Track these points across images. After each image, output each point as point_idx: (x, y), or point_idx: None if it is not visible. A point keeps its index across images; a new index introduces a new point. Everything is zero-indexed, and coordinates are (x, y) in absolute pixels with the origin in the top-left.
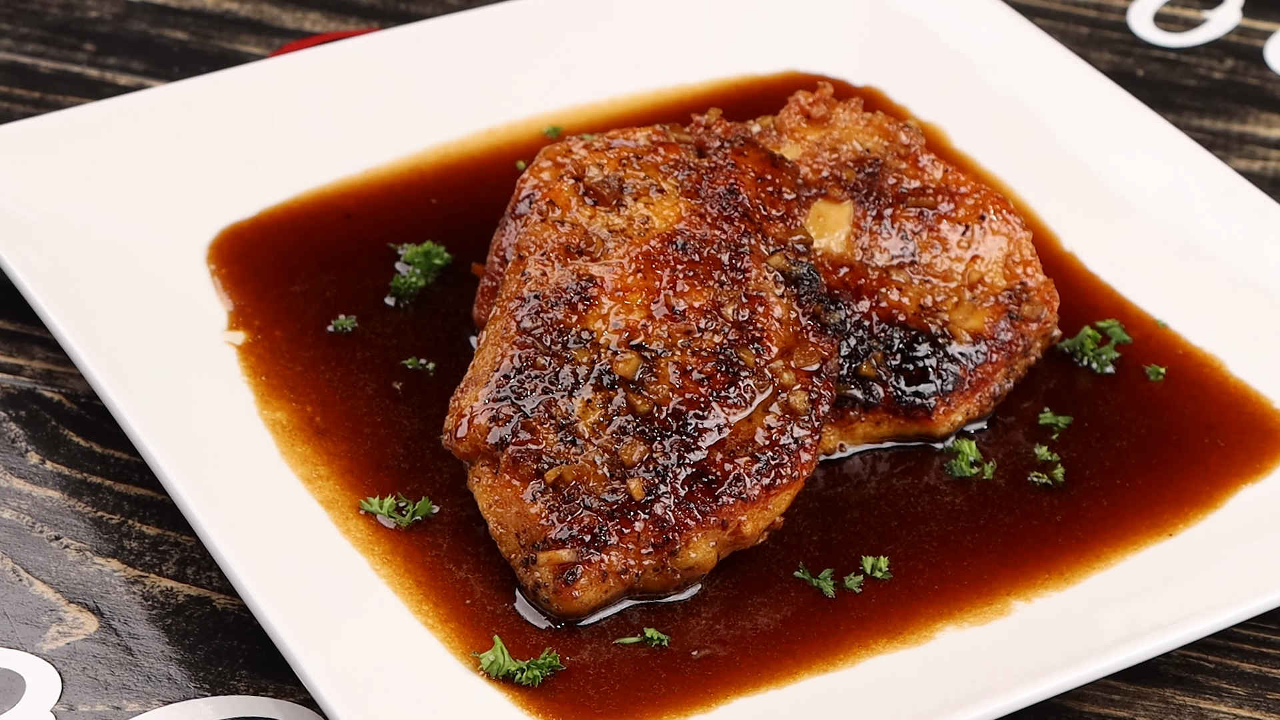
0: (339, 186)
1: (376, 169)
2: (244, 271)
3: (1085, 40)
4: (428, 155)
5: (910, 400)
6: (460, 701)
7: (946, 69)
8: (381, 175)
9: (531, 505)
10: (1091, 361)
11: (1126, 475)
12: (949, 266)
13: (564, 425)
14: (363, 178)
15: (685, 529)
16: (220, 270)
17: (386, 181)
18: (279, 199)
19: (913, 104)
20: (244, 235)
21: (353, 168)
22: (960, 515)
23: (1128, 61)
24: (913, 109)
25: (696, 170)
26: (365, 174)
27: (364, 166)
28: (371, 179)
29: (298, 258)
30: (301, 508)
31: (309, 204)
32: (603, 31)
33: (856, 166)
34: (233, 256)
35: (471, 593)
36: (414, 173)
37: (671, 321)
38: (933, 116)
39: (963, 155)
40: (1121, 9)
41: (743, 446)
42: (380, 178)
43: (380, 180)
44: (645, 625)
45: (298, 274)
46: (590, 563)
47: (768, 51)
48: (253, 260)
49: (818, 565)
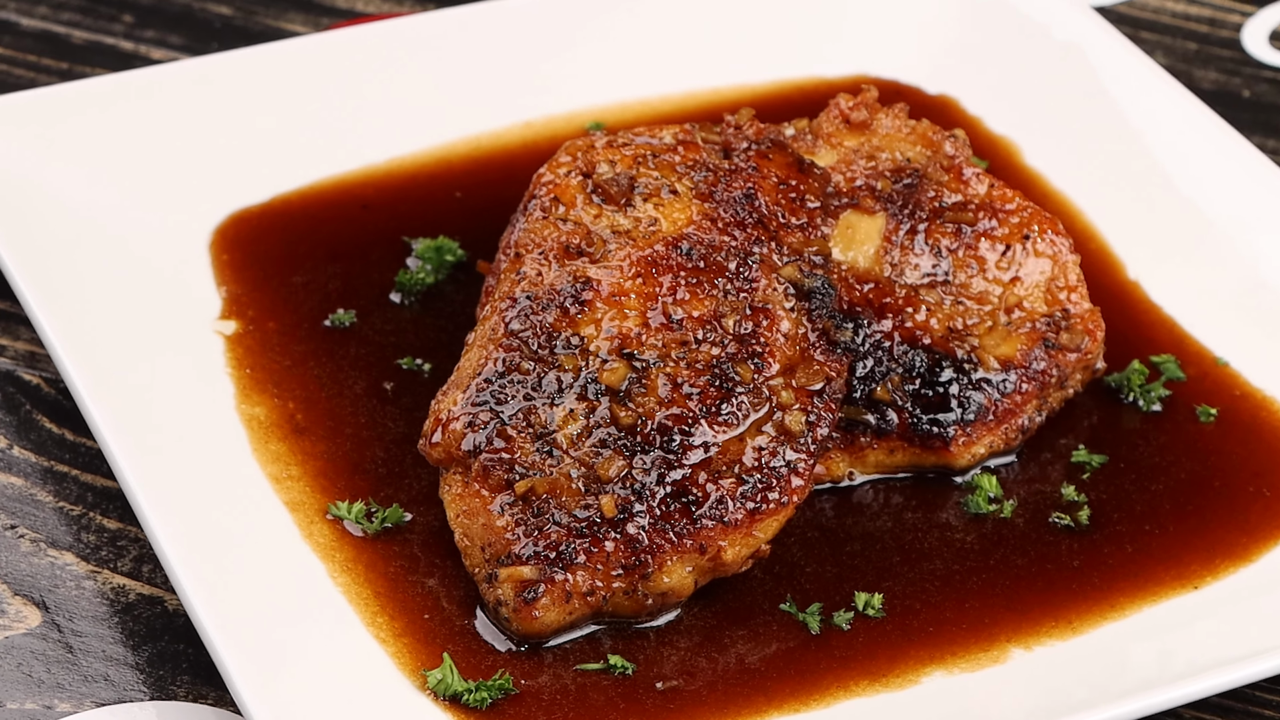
0: (359, 175)
1: (401, 158)
2: (246, 258)
3: (1191, 57)
4: (458, 146)
5: (927, 429)
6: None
7: (1027, 82)
8: (406, 165)
9: (498, 517)
10: (1138, 398)
11: (1157, 521)
12: (985, 288)
13: (542, 435)
14: (386, 167)
15: (659, 551)
16: (221, 256)
17: (410, 172)
18: (294, 185)
19: (987, 116)
20: (252, 221)
21: (377, 156)
22: (969, 554)
23: (1234, 81)
24: (986, 122)
25: (715, 172)
26: (389, 163)
27: (389, 155)
28: (395, 168)
29: (305, 247)
30: (264, 508)
31: (326, 191)
32: (662, 24)
33: (894, 176)
34: (236, 242)
35: (433, 607)
36: (441, 164)
37: (668, 331)
38: (1007, 130)
39: (1033, 172)
40: (1236, 25)
41: (730, 467)
42: (404, 168)
43: (404, 170)
44: (612, 651)
45: (302, 264)
46: (554, 581)
47: (837, 53)
48: (257, 247)
49: (807, 599)
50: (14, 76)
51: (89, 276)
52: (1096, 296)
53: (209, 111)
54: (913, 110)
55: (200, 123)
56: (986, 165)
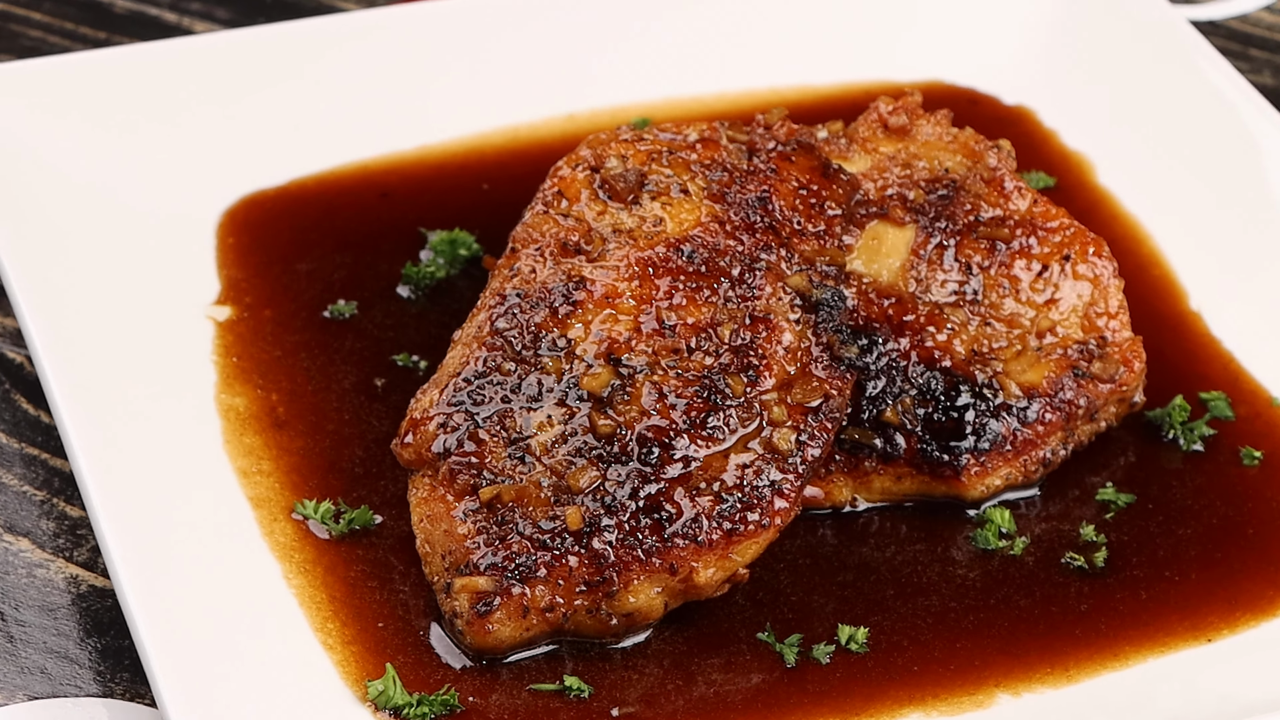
0: (384, 161)
1: (431, 146)
2: (252, 243)
3: None
4: (494, 136)
5: (937, 456)
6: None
7: (1110, 97)
8: (434, 154)
9: (460, 524)
10: (1179, 436)
11: (1179, 568)
12: (1016, 310)
13: (516, 440)
14: (414, 154)
15: (625, 569)
16: (227, 239)
17: (438, 161)
18: (315, 169)
19: (1064, 130)
20: (265, 205)
21: (405, 142)
22: (969, 591)
23: None
24: (1062, 135)
25: (731, 173)
26: (417, 150)
27: (419, 142)
28: (422, 157)
29: (315, 234)
30: (227, 503)
31: (346, 177)
32: (726, 20)
33: (928, 187)
34: (245, 226)
35: (389, 616)
36: (472, 154)
37: (659, 337)
38: (1082, 146)
39: (1104, 191)
40: None
41: (710, 484)
42: (432, 156)
43: (432, 159)
44: (572, 672)
45: (310, 251)
46: (510, 595)
47: (913, 57)
48: (265, 232)
49: (788, 629)
50: (48, 44)
51: (84, 252)
52: (1152, 325)
53: (232, 89)
54: (987, 121)
55: (223, 100)
56: (1054, 182)
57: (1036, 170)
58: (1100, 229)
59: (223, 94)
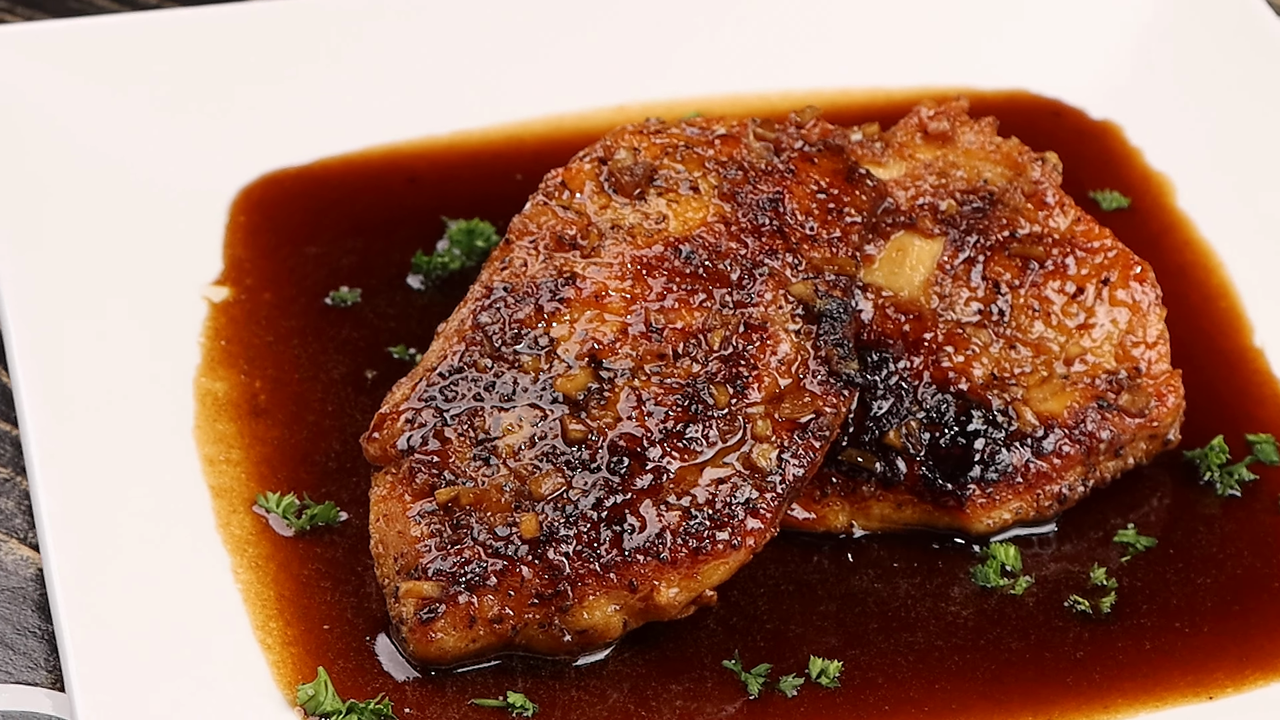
0: (415, 146)
1: (467, 132)
2: (263, 222)
3: None
4: (535, 125)
5: (940, 484)
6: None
7: (1200, 117)
8: (470, 140)
9: (414, 525)
10: (1215, 479)
11: (1190, 619)
12: (1044, 333)
13: (483, 441)
14: (447, 139)
15: (581, 583)
16: (239, 217)
17: (473, 148)
18: (341, 150)
19: (1149, 149)
20: (283, 183)
21: (440, 126)
22: (959, 630)
23: None
24: (1146, 155)
25: (746, 171)
26: (452, 136)
27: (455, 127)
28: (456, 142)
29: (331, 217)
30: (185, 490)
31: (373, 160)
32: (805, 15)
33: (963, 198)
34: (259, 204)
35: (337, 618)
36: (510, 142)
37: (645, 341)
38: (1165, 167)
39: (1181, 215)
40: None
41: (680, 499)
42: (467, 142)
43: (466, 145)
44: (521, 689)
45: (322, 234)
46: (456, 603)
47: (997, 64)
48: (279, 212)
49: (758, 657)
50: (94, 8)
51: (87, 219)
52: (1208, 359)
53: (266, 62)
54: (1068, 134)
55: (255, 73)
56: (1128, 203)
57: (1112, 189)
58: (1171, 254)
59: (255, 67)
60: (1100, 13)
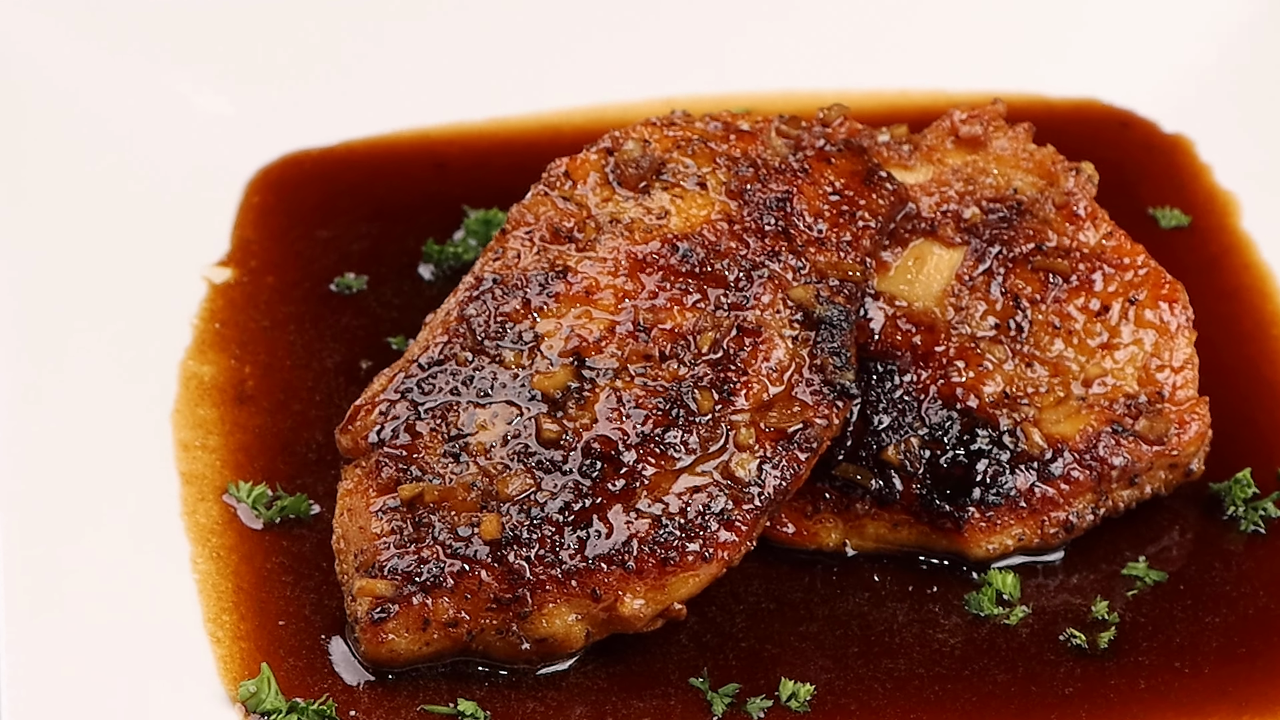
0: (447, 131)
1: (505, 119)
2: (278, 203)
3: None
4: (576, 115)
5: (938, 505)
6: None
7: (1275, 136)
8: (506, 127)
9: (375, 521)
10: (1240, 514)
11: (1192, 659)
12: (1064, 352)
13: (455, 437)
14: (483, 126)
15: (541, 589)
16: (253, 197)
17: (508, 135)
18: (371, 132)
19: (1219, 166)
20: (305, 164)
21: (477, 112)
22: (944, 659)
23: None
24: (1215, 172)
25: (758, 169)
26: (488, 122)
27: (492, 114)
28: (491, 129)
29: (348, 200)
30: (154, 474)
31: (403, 143)
32: (870, 14)
33: (989, 206)
34: (276, 185)
35: (294, 614)
36: (548, 131)
37: (632, 340)
38: (1234, 185)
39: (1244, 235)
40: None
41: (651, 506)
42: (503, 129)
43: (501, 132)
44: (475, 697)
45: (337, 218)
46: (410, 604)
47: (1069, 71)
48: (295, 193)
49: (727, 677)
50: None
51: (95, 195)
52: (1250, 388)
53: (296, 38)
54: (1135, 147)
55: (290, 49)
56: (1189, 221)
57: (1173, 207)
58: (1228, 276)
59: (291, 42)
60: (1180, 23)
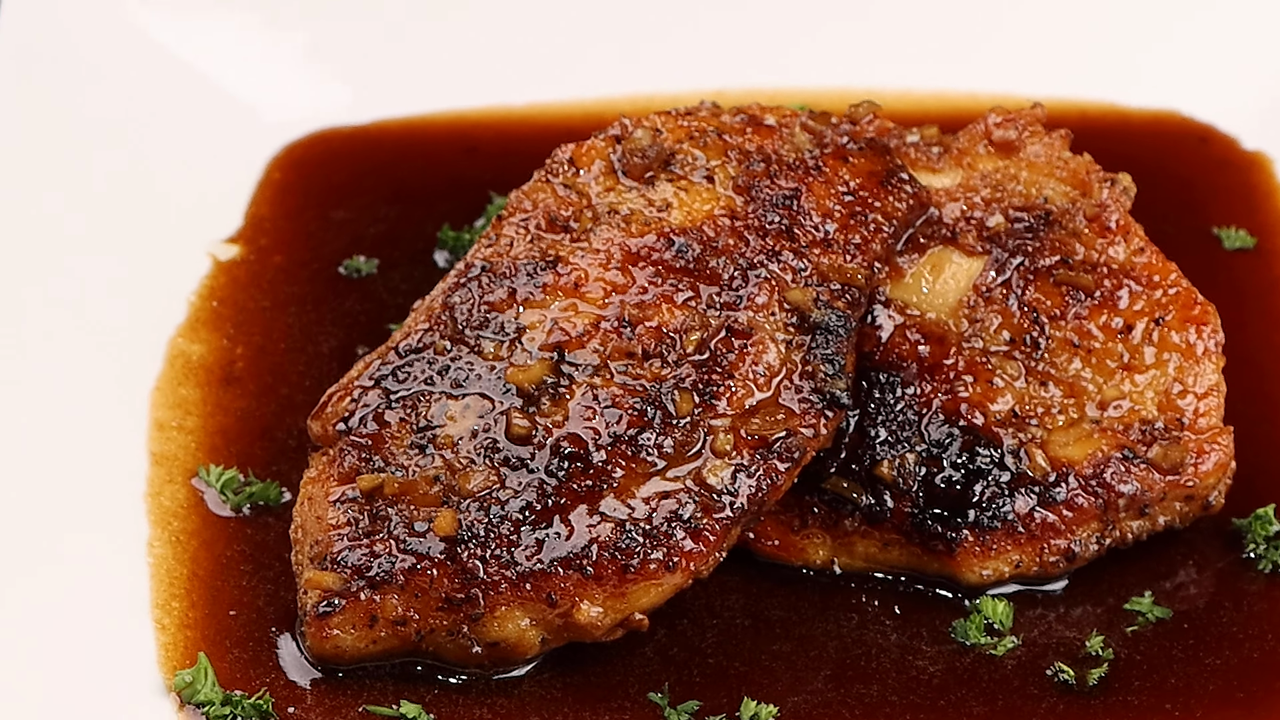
0: (482, 114)
1: (544, 105)
2: (298, 181)
3: None
4: (620, 103)
5: (930, 525)
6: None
7: None
8: (546, 113)
9: (332, 511)
10: (1260, 552)
11: (1185, 702)
12: (1081, 371)
13: (424, 428)
14: (522, 110)
15: (493, 590)
16: (274, 174)
17: (545, 121)
18: (404, 112)
19: None
20: (333, 142)
21: (517, 96)
22: (920, 687)
23: None
24: None
25: (770, 164)
26: (527, 107)
27: (531, 99)
28: (529, 115)
29: (370, 181)
30: (123, 453)
31: (436, 125)
32: (950, 16)
33: (1016, 215)
34: (299, 162)
35: (247, 604)
36: (590, 119)
37: (616, 337)
38: None
39: None
40: None
41: (616, 510)
42: (541, 116)
43: (540, 119)
44: (421, 699)
45: (356, 199)
46: (358, 599)
47: (1150, 81)
48: (318, 171)
49: (689, 693)
50: None
51: (111, 164)
52: None
53: (340, 11)
54: (1211, 163)
55: (326, 23)
56: (1254, 243)
57: (1240, 227)
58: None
59: (331, 17)
60: (1269, 37)
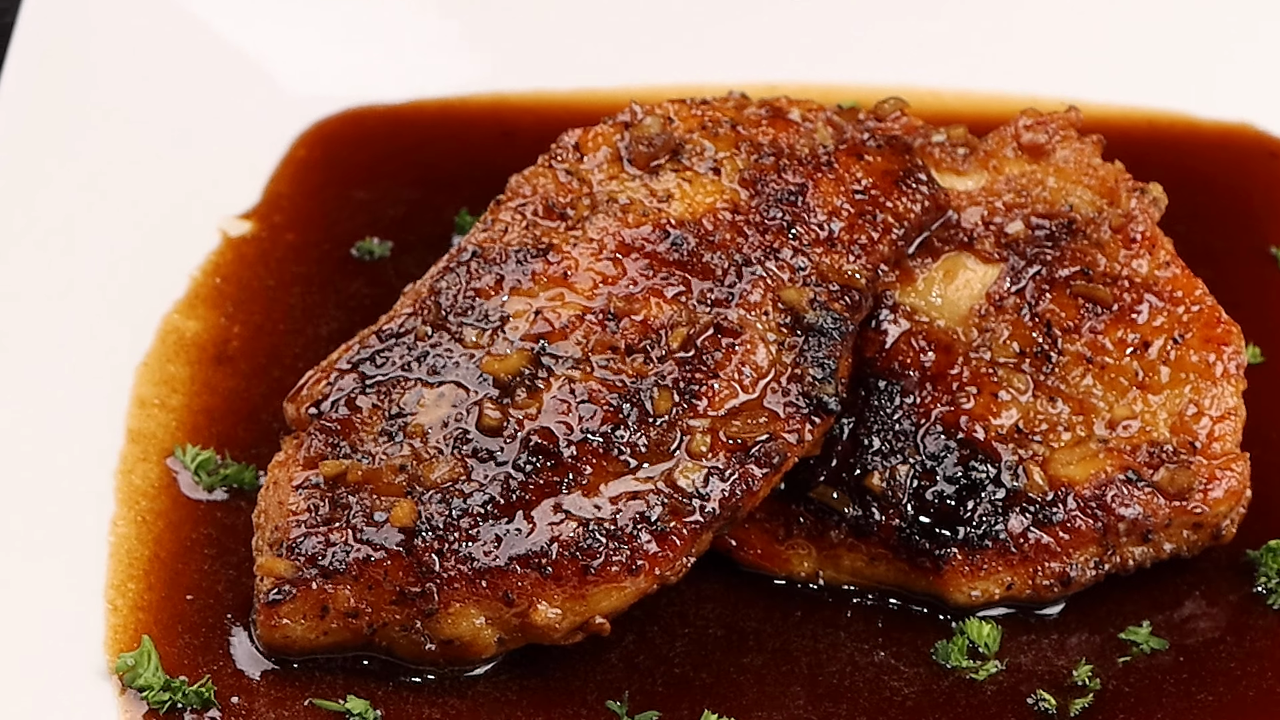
0: (524, 98)
1: (587, 91)
2: (322, 159)
3: None
4: (662, 92)
5: (918, 541)
6: (47, 699)
7: None
8: (590, 99)
9: (293, 497)
10: (1271, 586)
11: None
12: (1092, 388)
13: (396, 415)
14: (564, 96)
15: (449, 586)
16: (299, 151)
17: (586, 107)
18: (442, 92)
19: None
20: (365, 120)
21: (561, 82)
22: (891, 709)
23: None
24: None
25: (779, 157)
26: (569, 93)
27: (577, 85)
28: (572, 100)
29: (397, 162)
30: (99, 429)
31: (473, 107)
32: (1028, 19)
33: (1037, 222)
34: (327, 140)
35: (206, 589)
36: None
37: (600, 329)
38: None
39: None
40: None
41: (581, 509)
42: (582, 101)
43: (580, 104)
44: (372, 695)
45: (379, 180)
46: (309, 588)
47: (1225, 93)
48: (345, 150)
49: (650, 703)
50: None
51: (134, 133)
52: None
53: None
54: (1276, 179)
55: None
56: None
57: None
58: None
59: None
60: None
